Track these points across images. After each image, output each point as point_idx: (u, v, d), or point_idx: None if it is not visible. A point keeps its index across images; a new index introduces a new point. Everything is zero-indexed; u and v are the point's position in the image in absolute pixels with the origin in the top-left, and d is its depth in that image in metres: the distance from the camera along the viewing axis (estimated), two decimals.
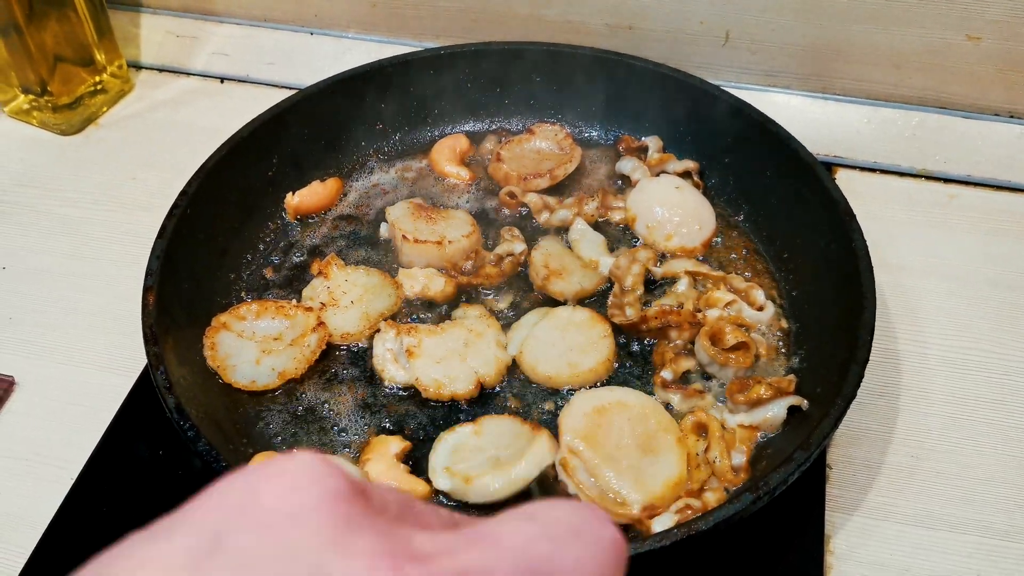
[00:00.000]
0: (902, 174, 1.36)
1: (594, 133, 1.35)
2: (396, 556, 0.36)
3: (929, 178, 1.35)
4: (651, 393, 1.02)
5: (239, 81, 1.53)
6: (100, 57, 1.45)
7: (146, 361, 0.96)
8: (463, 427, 0.98)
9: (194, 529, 0.36)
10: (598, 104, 1.33)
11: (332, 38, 1.53)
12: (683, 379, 1.04)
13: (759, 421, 0.98)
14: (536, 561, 0.40)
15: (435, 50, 1.32)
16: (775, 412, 0.98)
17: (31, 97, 1.41)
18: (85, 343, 1.15)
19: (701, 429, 0.98)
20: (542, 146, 1.30)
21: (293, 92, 1.26)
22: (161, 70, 1.55)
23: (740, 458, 0.95)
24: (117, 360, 1.12)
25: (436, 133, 1.35)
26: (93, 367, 1.12)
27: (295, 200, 1.22)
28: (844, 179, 1.35)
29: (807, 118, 1.39)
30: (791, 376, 1.01)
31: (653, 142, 1.28)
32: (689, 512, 0.90)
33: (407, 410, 1.02)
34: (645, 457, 0.94)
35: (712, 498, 0.92)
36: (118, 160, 1.40)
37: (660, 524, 0.89)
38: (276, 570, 0.34)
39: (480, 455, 0.94)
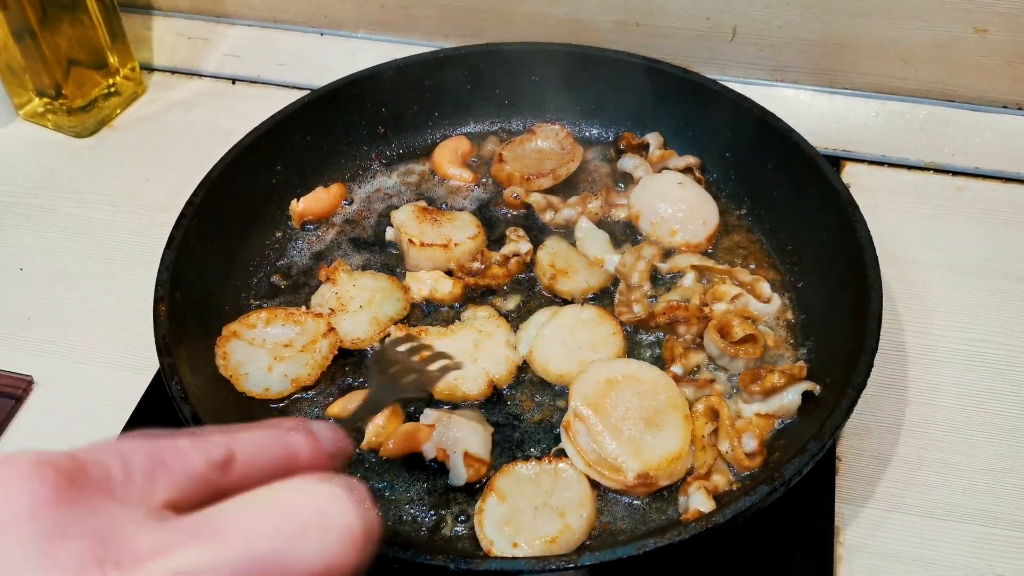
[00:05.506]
0: (910, 167, 1.36)
1: (595, 131, 1.36)
2: (103, 563, 0.37)
3: (937, 171, 1.35)
4: None
5: (250, 82, 1.55)
6: (113, 60, 1.47)
7: None
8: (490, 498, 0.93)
9: None
10: (598, 102, 1.33)
11: (342, 38, 1.55)
12: (693, 373, 1.05)
13: (775, 409, 0.99)
14: (263, 558, 0.39)
15: (433, 53, 1.32)
16: (790, 399, 0.99)
17: (46, 100, 1.43)
18: (102, 342, 1.17)
19: (713, 414, 0.99)
20: (544, 146, 1.31)
21: (305, 93, 1.27)
22: (173, 72, 1.57)
23: (752, 443, 0.96)
24: (134, 359, 1.14)
25: (437, 136, 1.35)
26: (110, 366, 1.14)
27: (300, 207, 1.23)
28: (852, 173, 1.35)
29: (815, 112, 1.39)
30: (801, 362, 1.02)
31: (654, 139, 1.29)
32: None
33: (421, 412, 1.02)
34: (649, 430, 0.95)
35: (721, 481, 0.94)
36: (132, 161, 1.41)
37: (696, 502, 0.91)
38: None
39: (525, 515, 0.91)
